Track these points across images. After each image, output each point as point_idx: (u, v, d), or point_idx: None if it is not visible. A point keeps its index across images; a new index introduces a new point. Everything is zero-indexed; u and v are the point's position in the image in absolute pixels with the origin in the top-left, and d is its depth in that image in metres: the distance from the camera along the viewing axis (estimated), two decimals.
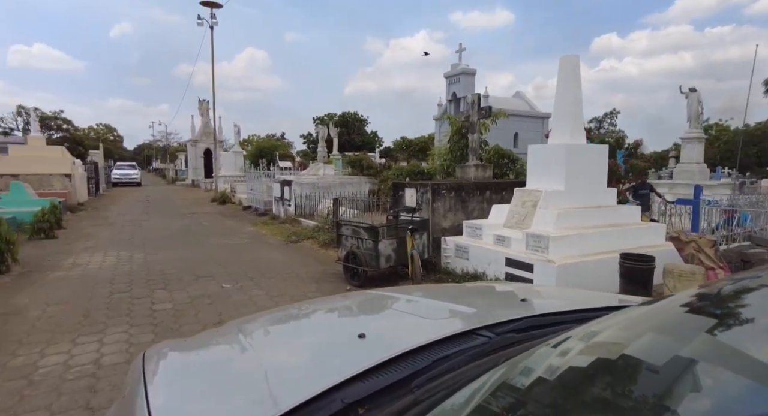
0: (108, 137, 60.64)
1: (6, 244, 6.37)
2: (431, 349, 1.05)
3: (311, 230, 9.91)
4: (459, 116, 8.24)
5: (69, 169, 17.30)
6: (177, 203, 18.85)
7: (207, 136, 35.18)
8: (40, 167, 16.64)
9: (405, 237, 5.69)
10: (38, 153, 17.49)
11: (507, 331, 1.16)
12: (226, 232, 10.58)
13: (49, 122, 32.69)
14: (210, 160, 35.71)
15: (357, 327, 1.36)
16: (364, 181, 13.27)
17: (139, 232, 10.52)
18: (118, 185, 31.92)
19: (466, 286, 2.57)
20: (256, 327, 1.54)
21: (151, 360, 1.26)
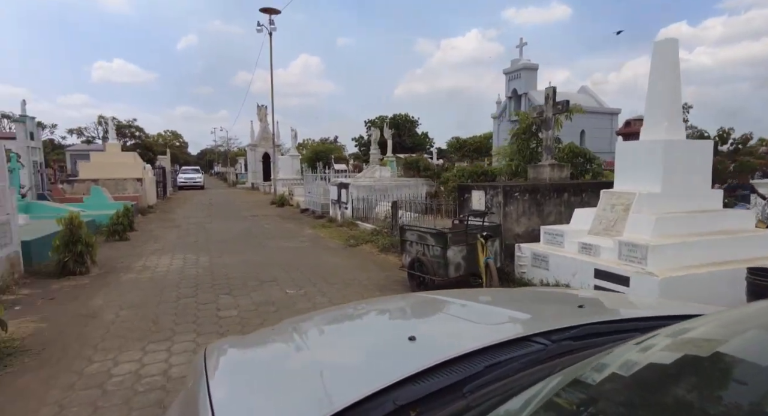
0: (174, 143, 64.63)
1: (86, 247, 6.64)
2: (483, 355, 1.02)
3: (369, 234, 9.68)
4: (530, 112, 7.66)
5: (140, 173, 18.37)
6: (238, 206, 19.46)
7: (265, 140, 36.37)
8: (116, 172, 17.80)
9: (476, 244, 5.25)
10: (114, 159, 18.74)
11: (564, 338, 1.10)
12: (286, 235, 10.61)
13: (124, 130, 35.27)
14: (268, 163, 36.94)
15: (408, 329, 1.36)
16: (421, 183, 12.89)
17: (203, 235, 10.81)
18: (183, 188, 33.73)
19: (520, 291, 2.45)
20: (310, 325, 1.58)
21: (212, 355, 1.30)
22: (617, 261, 4.64)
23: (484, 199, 6.25)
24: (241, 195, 27.62)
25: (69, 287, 5.93)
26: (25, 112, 17.52)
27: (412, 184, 12.71)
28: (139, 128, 35.37)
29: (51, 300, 5.37)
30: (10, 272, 5.97)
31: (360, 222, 11.18)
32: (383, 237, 8.94)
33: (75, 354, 3.82)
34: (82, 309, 4.99)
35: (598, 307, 1.61)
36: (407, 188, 12.39)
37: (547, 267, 5.34)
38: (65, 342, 4.06)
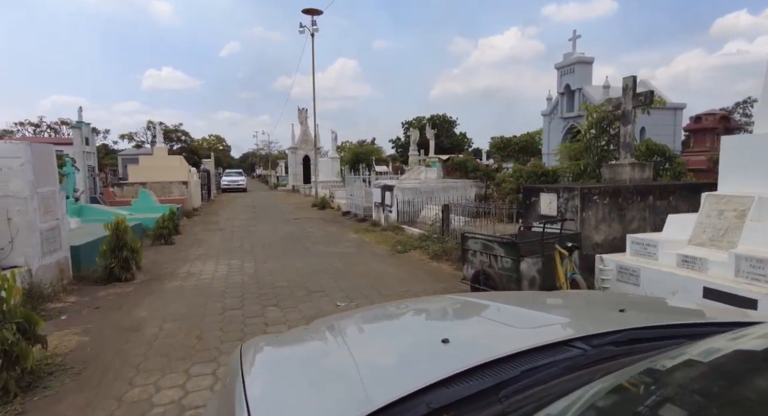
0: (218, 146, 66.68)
1: (132, 253, 6.47)
2: (519, 359, 0.98)
3: (417, 239, 9.12)
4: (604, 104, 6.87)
5: (186, 176, 18.68)
6: (280, 208, 19.43)
7: (306, 143, 36.59)
8: (163, 175, 18.17)
9: (553, 255, 4.58)
10: (161, 162, 19.17)
11: (604, 344, 1.05)
12: (331, 239, 10.24)
13: (171, 135, 36.51)
14: (308, 166, 37.15)
15: (441, 331, 1.33)
16: (470, 184, 12.20)
17: (247, 239, 10.62)
18: (227, 191, 34.42)
19: (557, 294, 2.36)
20: (343, 325, 1.57)
21: (248, 353, 1.31)
22: (734, 279, 3.85)
23: (555, 203, 5.55)
24: (283, 197, 27.78)
25: (114, 295, 5.74)
26: (81, 119, 18.22)
27: (460, 185, 12.04)
28: (185, 132, 36.55)
29: (96, 310, 5.16)
30: (59, 278, 5.85)
31: (406, 226, 10.64)
32: (433, 243, 8.35)
33: (116, 374, 3.50)
34: (125, 321, 4.73)
35: (640, 312, 1.53)
36: (454, 190, 11.74)
37: (637, 282, 4.59)
38: (106, 361, 3.75)
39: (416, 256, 8.06)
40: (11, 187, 5.24)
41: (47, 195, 5.73)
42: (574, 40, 16.82)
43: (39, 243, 5.45)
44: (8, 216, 5.19)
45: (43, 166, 5.69)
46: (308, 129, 37.02)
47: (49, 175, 5.85)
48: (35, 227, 5.39)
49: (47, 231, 5.66)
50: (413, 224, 10.76)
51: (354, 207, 15.01)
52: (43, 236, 5.56)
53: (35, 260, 5.35)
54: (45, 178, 5.72)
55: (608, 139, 7.67)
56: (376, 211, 12.90)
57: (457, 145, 56.48)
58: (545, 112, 18.97)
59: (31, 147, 5.42)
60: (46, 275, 5.53)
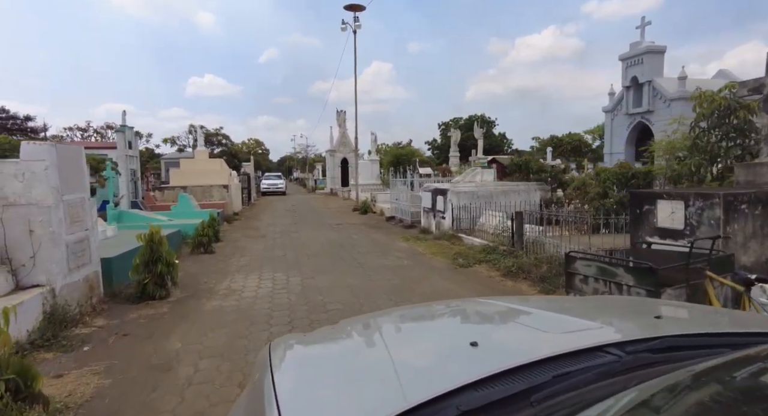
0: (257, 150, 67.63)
1: (167, 267, 5.76)
2: (550, 364, 0.94)
3: (480, 251, 8.01)
4: (726, 89, 5.57)
5: (227, 180, 18.32)
6: (320, 212, 18.75)
7: (344, 145, 36.03)
8: (204, 179, 17.88)
9: (701, 285, 3.41)
10: (202, 166, 18.92)
11: (640, 351, 1.00)
12: (380, 249, 9.29)
13: (212, 138, 36.93)
14: (346, 168, 36.59)
15: (469, 334, 1.31)
16: (534, 187, 10.95)
17: (290, 247, 9.86)
18: (266, 194, 34.36)
19: (589, 300, 2.29)
20: (370, 326, 1.55)
21: (277, 350, 1.30)
22: None
23: (682, 214, 4.34)
24: (322, 200, 27.22)
25: (146, 317, 5.00)
26: (125, 122, 18.24)
27: (523, 189, 10.82)
28: (226, 136, 36.89)
29: (124, 337, 4.42)
30: (87, 296, 5.19)
31: (464, 235, 9.54)
32: (503, 256, 7.23)
33: None
34: (155, 357, 3.93)
35: (678, 319, 1.50)
36: (516, 194, 10.53)
37: None
38: None
39: (483, 272, 6.97)
40: (34, 194, 4.59)
41: (75, 202, 5.08)
42: (643, 27, 15.15)
43: (64, 258, 4.78)
44: (30, 227, 4.54)
45: (71, 169, 5.04)
46: (346, 131, 36.49)
47: (77, 180, 5.20)
48: (60, 240, 4.73)
49: (74, 244, 5.00)
50: (471, 232, 9.65)
51: (400, 212, 14.04)
52: (70, 250, 4.89)
53: (59, 278, 4.67)
54: (72, 184, 5.06)
55: (724, 133, 6.28)
56: (426, 217, 11.87)
57: (497, 146, 54.88)
58: (607, 108, 17.30)
59: (56, 148, 4.77)
60: (72, 294, 4.86)
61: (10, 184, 4.55)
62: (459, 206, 10.23)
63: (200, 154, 19.94)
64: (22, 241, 4.53)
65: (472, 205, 10.20)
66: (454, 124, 54.38)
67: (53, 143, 4.80)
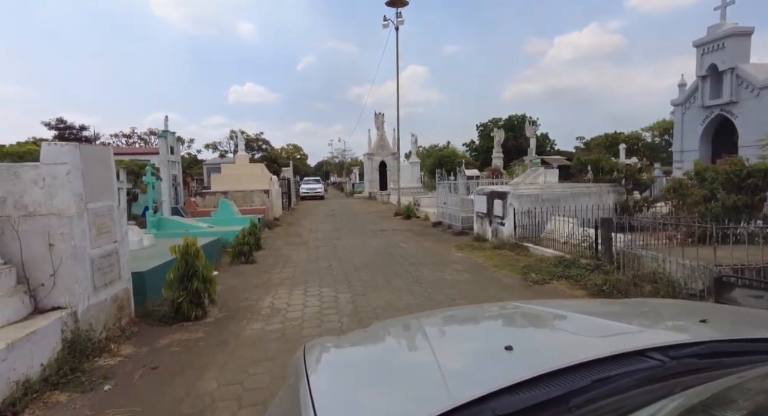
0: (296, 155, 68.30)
1: (203, 283, 5.09)
2: (589, 368, 0.91)
3: (555, 264, 6.92)
4: None
5: (267, 185, 17.94)
6: (362, 217, 18.02)
7: (382, 148, 35.35)
8: (244, 184, 17.57)
9: None
10: (243, 170, 18.65)
11: (685, 356, 0.96)
12: (434, 259, 8.36)
13: (252, 143, 37.20)
14: (384, 172, 35.88)
15: (503, 338, 1.26)
16: (607, 189, 9.67)
17: (335, 256, 9.10)
18: (305, 199, 34.18)
19: (628, 303, 2.09)
20: (403, 329, 1.56)
21: (311, 353, 1.30)
22: None
23: None
24: (361, 205, 26.57)
25: (179, 344, 4.31)
26: (167, 128, 18.26)
27: (594, 191, 9.57)
28: (266, 141, 37.05)
29: (152, 371, 3.72)
30: (116, 317, 4.58)
31: (530, 245, 8.44)
32: (586, 271, 6.13)
33: None
34: (186, 402, 3.18)
35: (725, 323, 1.40)
36: (587, 197, 9.31)
37: None
38: None
39: (565, 291, 5.90)
40: (55, 202, 4.00)
41: (102, 211, 4.47)
42: (724, 7, 13.41)
43: (89, 275, 4.17)
44: (50, 241, 3.94)
45: (97, 173, 4.45)
46: (385, 134, 35.82)
47: (104, 186, 4.60)
48: (84, 255, 4.11)
49: (101, 258, 4.39)
50: (537, 241, 8.54)
51: (448, 217, 13.04)
52: (95, 265, 4.28)
53: (83, 298, 4.05)
54: (99, 190, 4.46)
55: None
56: (480, 223, 10.82)
57: (539, 147, 52.91)
58: (677, 101, 15.56)
59: (80, 149, 4.17)
60: (98, 316, 4.24)
61: (29, 191, 3.97)
62: (521, 211, 9.13)
63: (241, 158, 19.71)
64: (41, 257, 3.94)
65: (537, 209, 9.08)
66: (492, 125, 52.78)
67: (77, 144, 4.21)
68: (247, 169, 18.81)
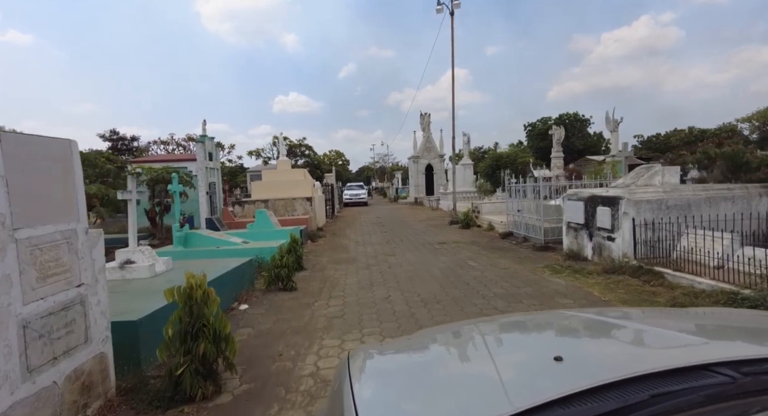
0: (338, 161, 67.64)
1: (215, 344, 3.36)
2: (647, 382, 0.85)
3: (723, 302, 4.68)
4: None
5: (310, 191, 16.44)
6: (413, 226, 16.10)
7: (428, 150, 33.33)
8: (286, 191, 16.16)
9: None
10: (285, 177, 17.29)
11: (761, 372, 0.86)
12: (525, 288, 6.28)
13: (295, 149, 36.30)
14: (431, 176, 33.82)
15: (553, 348, 1.19)
16: (757, 192, 7.22)
17: (393, 280, 7.23)
18: (348, 205, 32.74)
19: (695, 312, 1.92)
20: (450, 337, 1.51)
21: (355, 360, 1.29)
22: None
23: None
24: (408, 211, 24.65)
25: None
26: (205, 132, 17.21)
27: (739, 194, 7.13)
28: (309, 147, 36.01)
29: None
30: (77, 405, 2.92)
31: (664, 269, 6.16)
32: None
33: None
34: None
35: None
36: (728, 202, 6.91)
37: None
38: None
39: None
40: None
41: (50, 241, 2.82)
42: None
43: (13, 351, 2.51)
44: None
45: (41, 182, 2.81)
46: (431, 135, 33.79)
47: (59, 201, 2.95)
48: (8, 316, 2.46)
49: (46, 317, 2.73)
50: (671, 264, 6.25)
51: (523, 227, 10.86)
52: (31, 331, 2.62)
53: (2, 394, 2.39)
54: (46, 207, 2.82)
55: None
56: (573, 237, 8.60)
57: (592, 147, 49.28)
58: None
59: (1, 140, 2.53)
60: (38, 413, 2.58)
61: None
62: (640, 222, 6.87)
63: (282, 164, 18.37)
64: None
65: (660, 218, 6.79)
66: (542, 124, 49.65)
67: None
68: (289, 175, 17.44)
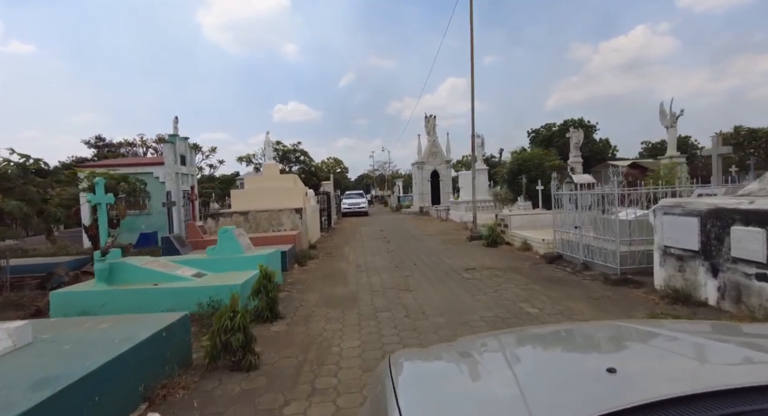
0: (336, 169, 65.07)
1: None
2: (714, 400, 0.78)
3: None
4: None
5: (301, 201, 13.71)
6: (424, 242, 13.35)
7: (434, 156, 30.70)
8: (272, 201, 13.42)
9: None
10: (271, 184, 14.57)
11: None
12: None
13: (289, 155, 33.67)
14: (437, 183, 31.16)
15: (606, 360, 1.16)
16: None
17: (415, 343, 4.48)
18: (347, 215, 30.04)
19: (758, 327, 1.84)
20: (496, 345, 1.48)
21: (397, 364, 1.29)
22: None
23: None
24: (415, 222, 21.91)
25: None
26: (177, 132, 14.49)
27: None
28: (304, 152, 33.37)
29: None
30: None
31: None
32: None
33: None
34: None
35: None
36: None
37: None
38: None
39: None
40: None
41: None
42: None
43: None
44: None
45: None
46: (437, 139, 31.20)
47: None
48: None
49: None
50: None
51: (582, 250, 8.14)
52: None
53: None
54: None
55: None
56: (674, 268, 5.90)
57: (598, 153, 47.11)
58: None
59: None
60: None
61: None
62: None
63: (269, 168, 15.67)
64: None
65: None
66: (545, 131, 47.64)
67: None
68: (276, 181, 14.75)
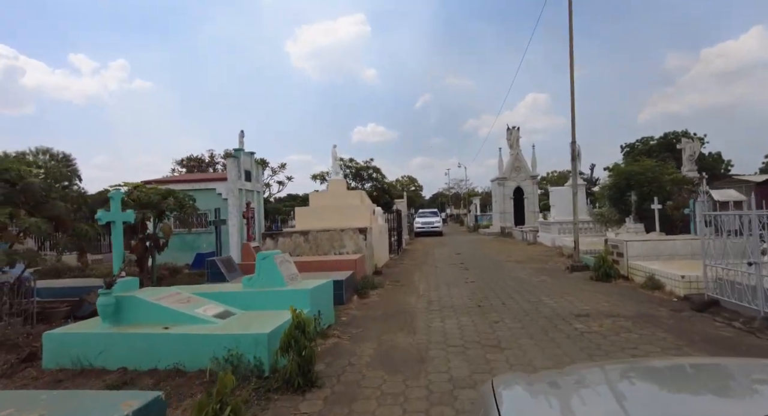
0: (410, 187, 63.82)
1: None
2: None
3: None
4: None
5: (366, 220, 12.17)
6: (511, 272, 11.04)
7: (517, 170, 27.93)
8: (335, 220, 12.04)
9: None
10: (336, 201, 13.25)
11: None
12: None
13: (362, 172, 32.92)
14: (521, 201, 28.28)
15: (759, 403, 1.07)
16: None
17: None
18: (420, 235, 28.21)
19: None
20: (604, 376, 1.42)
21: (501, 388, 1.27)
22: None
23: None
24: (495, 245, 19.45)
25: None
26: (242, 146, 13.86)
27: None
28: (377, 169, 32.50)
29: None
30: None
31: None
32: None
33: None
34: None
35: None
36: None
37: None
38: None
39: None
40: None
41: None
42: None
43: None
44: None
45: None
46: (520, 152, 28.45)
47: None
48: None
49: None
50: None
51: (763, 297, 5.50)
52: None
53: None
54: None
55: None
56: None
57: (709, 169, 40.58)
58: None
59: None
60: None
61: None
62: None
63: (334, 184, 14.45)
64: None
65: None
66: (642, 145, 42.56)
67: None
68: (341, 198, 13.44)
